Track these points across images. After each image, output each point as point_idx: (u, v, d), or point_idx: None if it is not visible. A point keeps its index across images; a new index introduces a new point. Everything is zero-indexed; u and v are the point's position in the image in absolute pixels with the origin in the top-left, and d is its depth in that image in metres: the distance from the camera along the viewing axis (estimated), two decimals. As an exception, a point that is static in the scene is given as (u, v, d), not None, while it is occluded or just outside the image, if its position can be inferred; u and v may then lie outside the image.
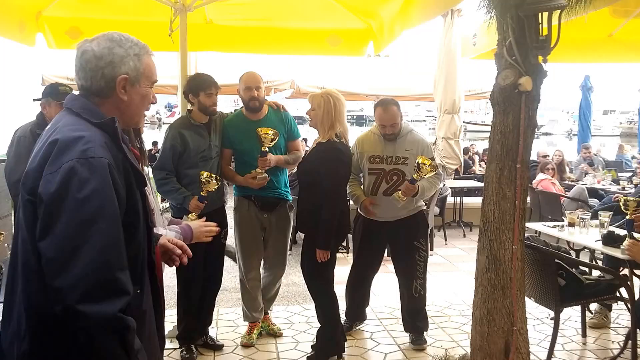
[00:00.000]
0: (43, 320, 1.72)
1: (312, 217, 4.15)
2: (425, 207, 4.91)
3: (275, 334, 4.90)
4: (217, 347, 4.61)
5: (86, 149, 1.72)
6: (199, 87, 4.31)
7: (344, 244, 7.14)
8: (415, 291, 4.68)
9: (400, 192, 4.41)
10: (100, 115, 1.86)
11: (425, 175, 4.34)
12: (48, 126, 1.93)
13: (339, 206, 4.20)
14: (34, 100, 4.46)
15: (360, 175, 4.79)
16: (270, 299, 4.94)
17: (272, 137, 4.38)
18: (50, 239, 1.64)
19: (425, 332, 4.79)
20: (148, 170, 2.76)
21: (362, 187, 4.77)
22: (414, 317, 4.77)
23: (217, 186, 4.17)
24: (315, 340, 4.53)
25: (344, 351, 4.41)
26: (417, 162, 4.32)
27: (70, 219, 1.64)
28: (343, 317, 4.87)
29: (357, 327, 5.04)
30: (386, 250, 5.19)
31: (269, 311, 5.00)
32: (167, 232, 2.54)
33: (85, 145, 1.72)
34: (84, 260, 1.62)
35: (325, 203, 4.10)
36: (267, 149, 4.41)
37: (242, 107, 4.76)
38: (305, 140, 11.57)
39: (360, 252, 4.87)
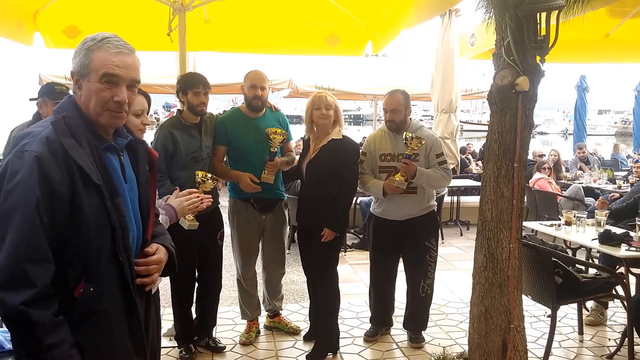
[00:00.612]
0: None
1: (326, 209, 4.32)
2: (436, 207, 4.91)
3: (295, 331, 4.92)
4: (218, 349, 4.59)
5: (26, 143, 1.80)
6: (187, 85, 4.28)
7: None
8: (422, 291, 4.70)
9: (399, 174, 4.42)
10: (61, 112, 1.91)
11: (415, 147, 4.37)
12: None
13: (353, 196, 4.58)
14: (30, 99, 4.46)
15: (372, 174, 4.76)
16: (280, 299, 4.97)
17: (282, 137, 4.42)
18: None
19: (423, 331, 4.83)
20: None
21: None
22: (417, 316, 4.80)
23: (212, 186, 4.13)
24: (309, 333, 4.70)
25: (339, 348, 4.46)
26: (405, 137, 4.39)
27: (1, 208, 1.74)
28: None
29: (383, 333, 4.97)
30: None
31: (280, 311, 5.03)
32: None
33: (27, 140, 1.81)
34: (6, 249, 1.70)
35: (345, 192, 4.41)
36: (276, 150, 4.44)
37: (238, 105, 4.79)
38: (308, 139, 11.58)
39: (376, 252, 4.85)
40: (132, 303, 1.99)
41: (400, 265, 4.87)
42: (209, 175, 4.03)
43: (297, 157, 4.77)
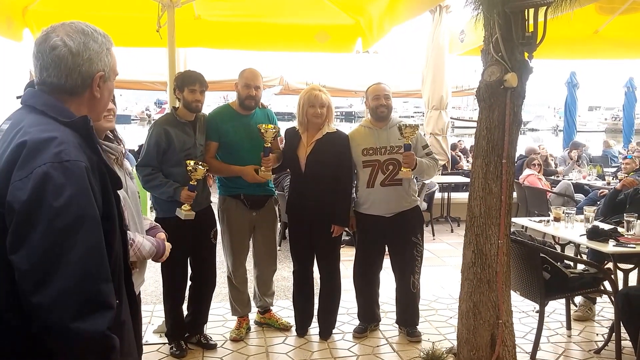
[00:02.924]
0: None
1: (331, 204, 4.55)
2: (419, 202, 4.94)
3: (286, 327, 4.94)
4: (210, 347, 4.58)
5: (59, 151, 1.56)
6: (184, 82, 4.29)
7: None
8: (414, 286, 4.72)
9: (402, 166, 4.44)
10: (68, 114, 1.70)
11: (410, 136, 4.41)
12: (5, 125, 1.75)
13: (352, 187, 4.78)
14: (18, 97, 4.44)
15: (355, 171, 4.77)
16: (270, 295, 4.99)
17: (273, 132, 4.44)
18: (25, 251, 1.49)
19: (417, 325, 4.85)
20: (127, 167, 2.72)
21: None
22: (411, 311, 4.82)
23: (204, 173, 4.17)
24: (322, 316, 4.87)
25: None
26: (399, 127, 4.42)
27: (47, 229, 1.49)
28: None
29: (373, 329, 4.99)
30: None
31: (271, 307, 5.05)
32: (143, 240, 2.51)
33: (58, 148, 1.56)
34: (65, 274, 1.48)
35: (345, 183, 4.62)
36: (269, 145, 4.45)
37: (229, 102, 4.81)
38: (295, 130, 11.60)
39: (361, 249, 4.88)
40: (135, 307, 1.91)
41: (386, 262, 4.89)
42: (199, 162, 4.10)
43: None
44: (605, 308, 5.40)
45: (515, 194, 8.42)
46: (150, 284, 5.77)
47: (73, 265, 1.49)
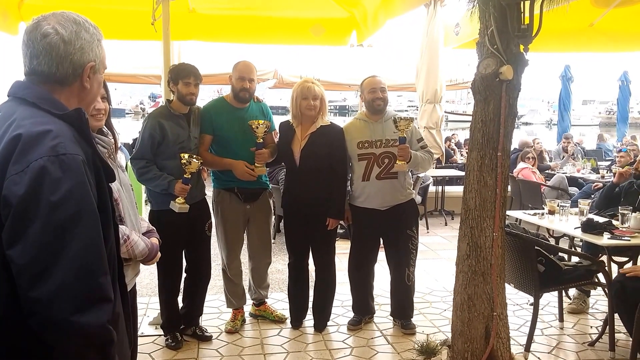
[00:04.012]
0: None
1: (326, 197, 4.54)
2: (414, 195, 4.96)
3: (281, 320, 4.95)
4: (205, 338, 4.59)
5: (56, 144, 1.54)
6: (178, 75, 4.28)
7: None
8: (408, 279, 4.74)
9: (397, 159, 4.46)
10: (61, 106, 1.67)
11: (405, 129, 4.42)
12: None
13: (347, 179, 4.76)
14: None
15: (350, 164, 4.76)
16: (265, 287, 5.00)
17: (265, 127, 4.45)
18: (22, 246, 1.47)
19: (411, 318, 4.87)
20: (121, 160, 2.70)
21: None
22: (406, 305, 4.83)
23: (198, 166, 4.18)
24: (317, 308, 4.89)
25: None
26: (394, 120, 4.45)
27: (45, 224, 1.48)
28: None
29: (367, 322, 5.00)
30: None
31: (266, 300, 5.06)
32: (137, 239, 2.50)
33: (54, 141, 1.54)
34: (64, 268, 1.47)
35: (341, 175, 4.61)
36: (261, 141, 4.46)
37: (223, 95, 4.80)
38: (289, 124, 11.57)
39: (356, 242, 4.88)
40: (125, 299, 1.89)
41: (381, 255, 4.90)
42: (194, 155, 4.11)
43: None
44: (599, 301, 5.43)
45: (509, 187, 8.45)
46: (146, 277, 5.77)
47: (72, 259, 1.48)
